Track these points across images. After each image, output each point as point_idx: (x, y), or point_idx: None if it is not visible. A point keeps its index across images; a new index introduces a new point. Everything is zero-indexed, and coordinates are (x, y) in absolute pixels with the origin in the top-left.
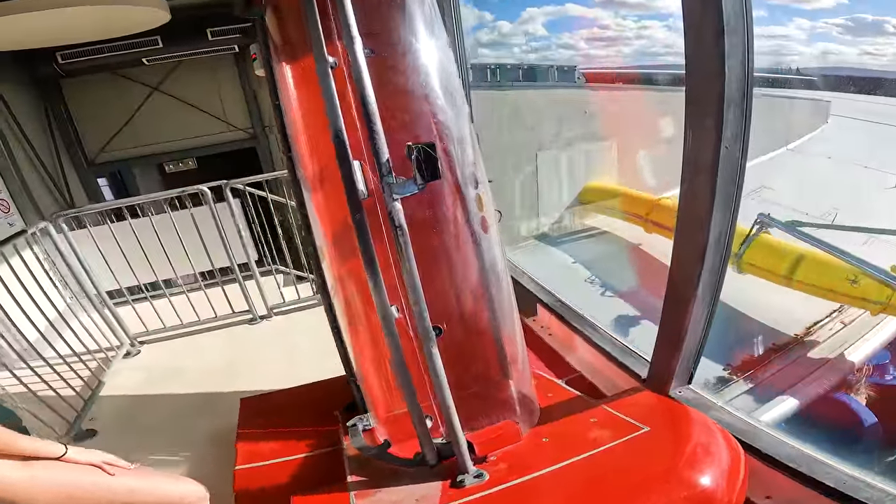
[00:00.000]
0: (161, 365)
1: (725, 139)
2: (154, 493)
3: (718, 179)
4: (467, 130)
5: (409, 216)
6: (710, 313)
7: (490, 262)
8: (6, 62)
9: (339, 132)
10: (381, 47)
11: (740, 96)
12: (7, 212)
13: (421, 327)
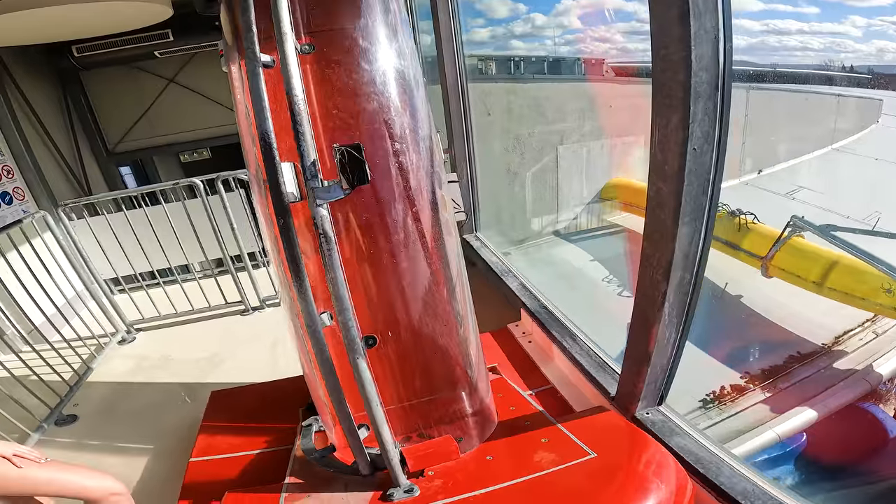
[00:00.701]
0: (152, 352)
1: (693, 140)
2: (55, 486)
3: (686, 187)
4: (426, 132)
5: (356, 221)
6: (680, 335)
7: (444, 270)
8: (26, 55)
9: (265, 134)
10: (329, 45)
11: (710, 90)
12: (22, 199)
13: (347, 338)
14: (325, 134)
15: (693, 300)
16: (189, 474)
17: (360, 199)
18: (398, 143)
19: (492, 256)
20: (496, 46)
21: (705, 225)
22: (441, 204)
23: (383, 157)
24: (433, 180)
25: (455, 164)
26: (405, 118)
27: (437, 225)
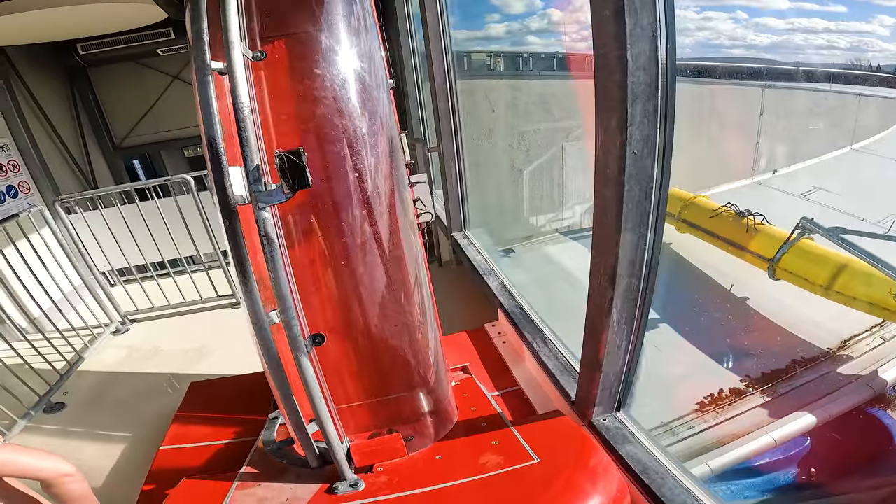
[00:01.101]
0: (143, 343)
1: (632, 143)
2: (9, 467)
3: (626, 192)
4: (386, 135)
5: (309, 223)
6: (632, 343)
7: (400, 272)
8: (33, 53)
9: (212, 139)
10: (284, 51)
11: (650, 91)
12: (28, 192)
13: (290, 336)
14: (277, 138)
15: (644, 308)
16: (157, 461)
17: (313, 202)
18: (353, 146)
19: (476, 255)
20: (512, 42)
21: (652, 232)
22: (400, 206)
23: (337, 160)
24: (392, 183)
25: (442, 162)
26: (361, 122)
27: (394, 227)
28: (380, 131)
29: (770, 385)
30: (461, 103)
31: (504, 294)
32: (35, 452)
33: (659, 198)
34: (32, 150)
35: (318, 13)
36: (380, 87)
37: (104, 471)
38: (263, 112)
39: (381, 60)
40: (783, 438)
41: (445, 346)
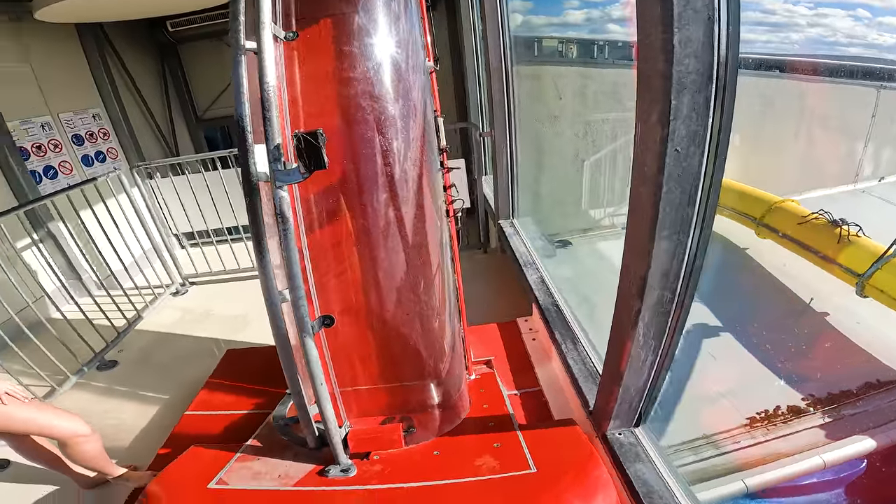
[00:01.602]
0: (197, 306)
1: (675, 139)
2: (31, 425)
3: (664, 195)
4: (419, 120)
5: (330, 204)
6: (660, 359)
7: (420, 259)
8: (130, 29)
9: (240, 118)
10: (319, 33)
11: (701, 81)
12: (115, 158)
13: (297, 315)
14: (305, 119)
15: (678, 324)
16: (179, 425)
17: (338, 183)
18: (381, 129)
19: (520, 245)
20: (590, 30)
21: (694, 240)
22: (428, 192)
23: (364, 142)
24: (421, 167)
25: (494, 148)
26: (392, 105)
27: (419, 213)
28: (412, 115)
29: (834, 406)
30: (525, 89)
31: (541, 289)
32: (55, 412)
33: (706, 202)
34: (122, 120)
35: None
36: (416, 70)
37: (136, 430)
38: (294, 91)
39: (420, 43)
40: (834, 461)
41: (473, 337)
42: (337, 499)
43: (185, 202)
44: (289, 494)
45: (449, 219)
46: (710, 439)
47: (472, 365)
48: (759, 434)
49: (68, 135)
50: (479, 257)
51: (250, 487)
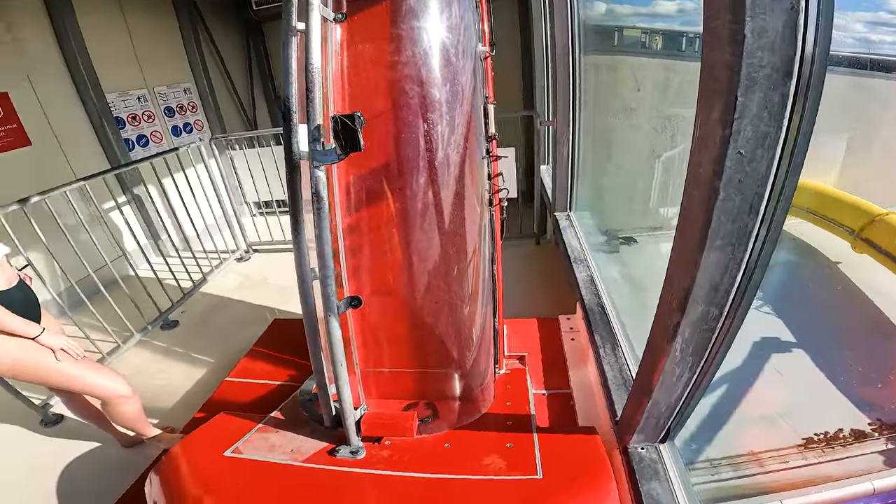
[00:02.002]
0: (256, 273)
1: (739, 141)
2: (80, 382)
3: (720, 202)
4: (466, 107)
5: (370, 184)
6: (696, 377)
7: (454, 245)
8: (219, 6)
9: (287, 97)
10: (369, 15)
11: (777, 77)
12: (201, 129)
13: (323, 294)
14: (350, 101)
15: (724, 342)
16: (217, 391)
17: (376, 165)
18: (424, 114)
19: (573, 240)
20: (682, 21)
21: (753, 255)
22: (469, 180)
23: (405, 126)
24: (464, 154)
25: (556, 139)
26: (437, 90)
27: (457, 201)
28: (457, 101)
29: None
30: (599, 79)
31: (588, 287)
32: (101, 372)
33: (773, 214)
34: (209, 94)
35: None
36: (465, 55)
37: (181, 392)
38: (340, 72)
39: (473, 27)
40: (885, 487)
41: (510, 330)
42: (338, 479)
43: (258, 173)
44: (295, 469)
45: (493, 208)
46: (757, 456)
47: (503, 359)
48: (811, 455)
49: (161, 107)
50: (531, 248)
51: (262, 459)
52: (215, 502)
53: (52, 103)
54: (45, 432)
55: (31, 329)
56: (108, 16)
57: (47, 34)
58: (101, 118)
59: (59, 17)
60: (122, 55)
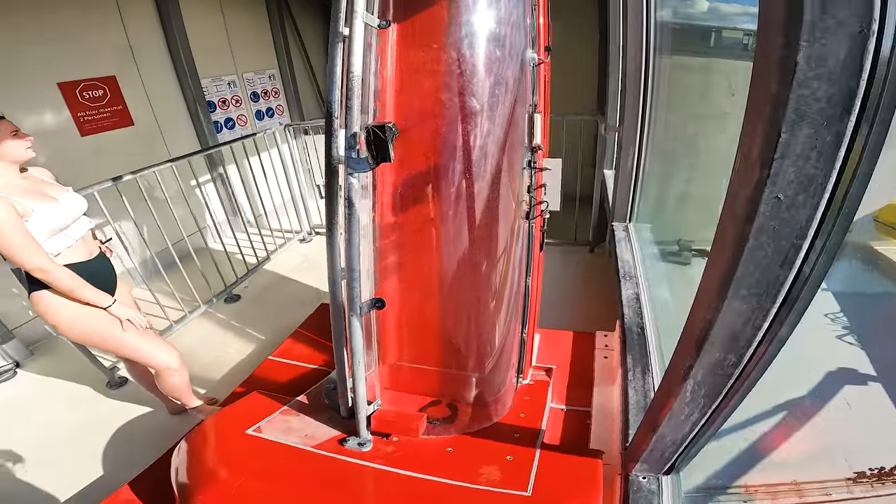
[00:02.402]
0: (315, 254)
1: (778, 183)
2: (138, 352)
3: (748, 250)
4: (505, 117)
5: (406, 189)
6: (705, 417)
7: (481, 254)
8: None
9: (329, 103)
10: (414, 22)
11: (834, 113)
12: (282, 114)
13: (349, 296)
14: (389, 107)
15: (740, 389)
16: (259, 368)
17: (409, 172)
18: (459, 125)
19: (625, 253)
20: None
21: (784, 310)
22: (505, 191)
23: (439, 137)
24: (501, 165)
25: (621, 146)
26: (476, 100)
27: (489, 214)
28: (497, 112)
29: None
30: (686, 82)
31: (632, 306)
32: (157, 344)
33: (812, 266)
34: (291, 80)
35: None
36: (510, 65)
37: (231, 365)
38: (382, 79)
39: (522, 34)
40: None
41: (543, 341)
42: (339, 467)
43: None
44: (303, 454)
45: (533, 220)
46: (799, 486)
47: (529, 369)
48: (857, 490)
49: (248, 92)
50: (584, 256)
51: (277, 440)
52: (224, 476)
53: (154, 87)
54: (109, 394)
55: (103, 299)
56: (207, 4)
57: (154, 21)
58: (196, 102)
59: (164, 5)
60: (217, 42)
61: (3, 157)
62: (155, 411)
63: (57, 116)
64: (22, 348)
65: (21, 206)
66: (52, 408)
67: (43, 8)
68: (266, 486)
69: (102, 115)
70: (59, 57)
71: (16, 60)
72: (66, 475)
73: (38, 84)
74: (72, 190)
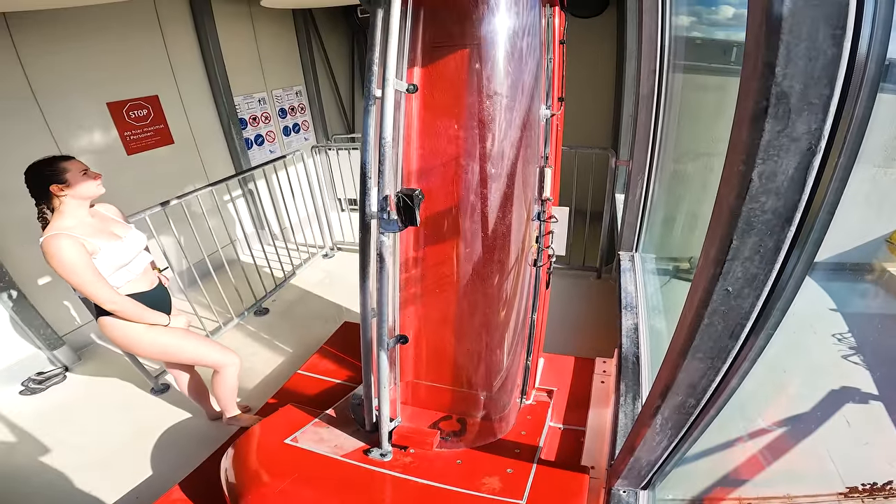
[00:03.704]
0: (336, 270)
1: (728, 279)
2: (200, 356)
3: (704, 327)
4: (520, 173)
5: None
6: (673, 444)
7: (494, 306)
8: (329, 14)
9: (364, 163)
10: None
11: (777, 223)
12: (307, 130)
13: (378, 334)
14: (414, 167)
15: (700, 424)
16: (289, 381)
17: (433, 229)
18: (480, 188)
19: (629, 283)
20: None
21: (734, 368)
22: (515, 247)
23: (460, 197)
24: (513, 223)
25: (630, 180)
26: (495, 166)
27: (502, 264)
28: (510, 170)
29: None
30: (703, 101)
31: (630, 336)
32: (213, 345)
33: (756, 339)
34: (316, 97)
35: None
36: (527, 127)
37: (261, 376)
38: (407, 140)
39: (536, 97)
40: None
41: (547, 364)
42: (365, 475)
43: (349, 173)
44: (334, 462)
45: (541, 265)
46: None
47: (532, 391)
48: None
49: (276, 108)
50: (591, 281)
51: (312, 449)
52: (269, 480)
53: (193, 105)
54: (153, 399)
55: (163, 319)
56: (241, 24)
57: (192, 39)
58: (229, 119)
59: (202, 26)
60: (249, 60)
61: (76, 196)
62: (194, 416)
63: (106, 136)
64: (70, 353)
65: (90, 245)
66: (101, 411)
67: (91, 28)
68: (304, 489)
69: (146, 134)
70: (107, 76)
71: (68, 81)
72: (119, 475)
73: (89, 104)
74: (134, 227)
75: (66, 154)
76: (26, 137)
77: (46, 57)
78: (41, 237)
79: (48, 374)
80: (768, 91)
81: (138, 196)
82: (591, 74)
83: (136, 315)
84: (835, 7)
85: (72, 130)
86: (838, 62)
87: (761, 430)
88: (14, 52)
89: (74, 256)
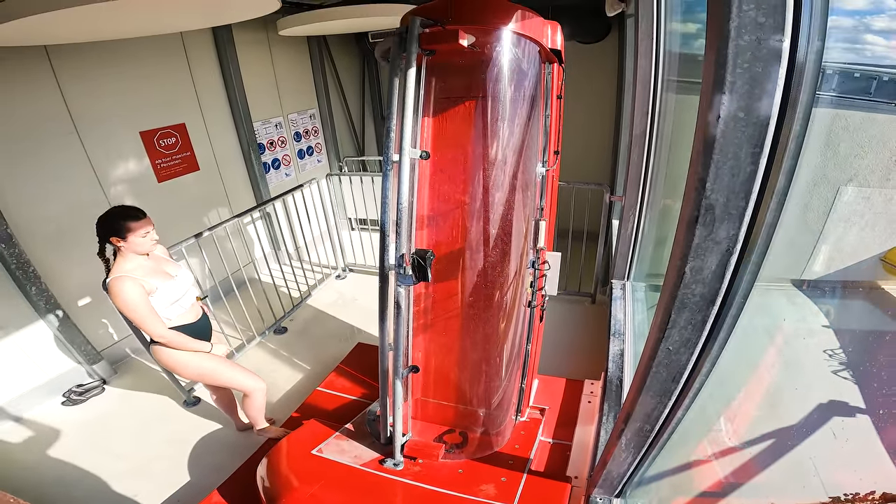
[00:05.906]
0: (349, 291)
1: (669, 340)
2: (233, 380)
3: (652, 373)
4: (516, 229)
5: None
6: (636, 460)
7: (493, 345)
8: (342, 40)
9: (383, 223)
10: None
11: (703, 304)
12: (320, 152)
13: (394, 366)
14: (424, 226)
15: (657, 444)
16: (310, 397)
17: (442, 281)
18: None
19: (619, 311)
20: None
21: (676, 403)
22: (511, 296)
23: (465, 257)
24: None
25: (622, 214)
26: (495, 227)
27: (500, 311)
28: (510, 236)
29: None
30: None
31: (616, 361)
32: (246, 373)
33: (692, 383)
34: (329, 120)
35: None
36: (522, 191)
37: (282, 391)
38: (420, 201)
39: (532, 163)
40: None
41: (541, 385)
42: (380, 482)
43: (360, 194)
44: (354, 470)
45: (535, 306)
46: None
47: (527, 409)
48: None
49: (291, 132)
50: (586, 306)
51: (335, 459)
52: (301, 485)
53: (216, 132)
54: (186, 411)
55: (206, 346)
56: (259, 51)
57: (214, 66)
58: (249, 145)
59: (224, 53)
60: (267, 86)
61: (131, 250)
62: (224, 427)
63: (139, 164)
64: (108, 367)
65: (149, 285)
66: (138, 421)
67: (125, 55)
68: (331, 494)
69: (175, 162)
70: (141, 104)
71: (103, 110)
72: (159, 480)
73: (124, 133)
74: (184, 266)
75: (135, 206)
76: (67, 165)
77: (84, 83)
78: (107, 278)
79: (88, 386)
80: (700, 203)
81: (168, 222)
82: (592, 103)
83: (182, 345)
84: (757, 128)
85: (111, 160)
86: (755, 177)
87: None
88: (53, 77)
89: (136, 297)
